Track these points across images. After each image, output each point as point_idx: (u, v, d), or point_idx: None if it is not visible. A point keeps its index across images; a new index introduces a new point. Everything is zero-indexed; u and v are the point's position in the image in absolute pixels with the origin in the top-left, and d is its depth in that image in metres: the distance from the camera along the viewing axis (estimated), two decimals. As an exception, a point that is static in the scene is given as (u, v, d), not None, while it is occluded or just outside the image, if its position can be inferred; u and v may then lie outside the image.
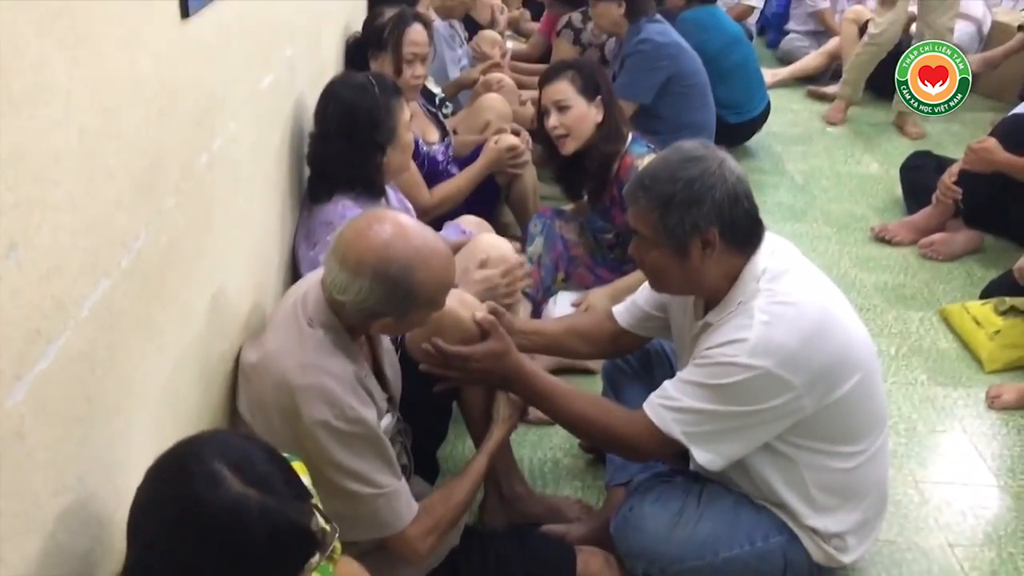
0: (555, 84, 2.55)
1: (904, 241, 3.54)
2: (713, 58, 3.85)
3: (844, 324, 1.64)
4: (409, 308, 1.49)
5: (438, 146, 2.92)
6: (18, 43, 0.90)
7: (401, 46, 2.59)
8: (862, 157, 4.41)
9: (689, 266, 1.60)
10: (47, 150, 0.97)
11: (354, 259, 1.45)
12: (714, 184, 1.56)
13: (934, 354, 2.88)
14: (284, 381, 1.46)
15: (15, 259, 0.91)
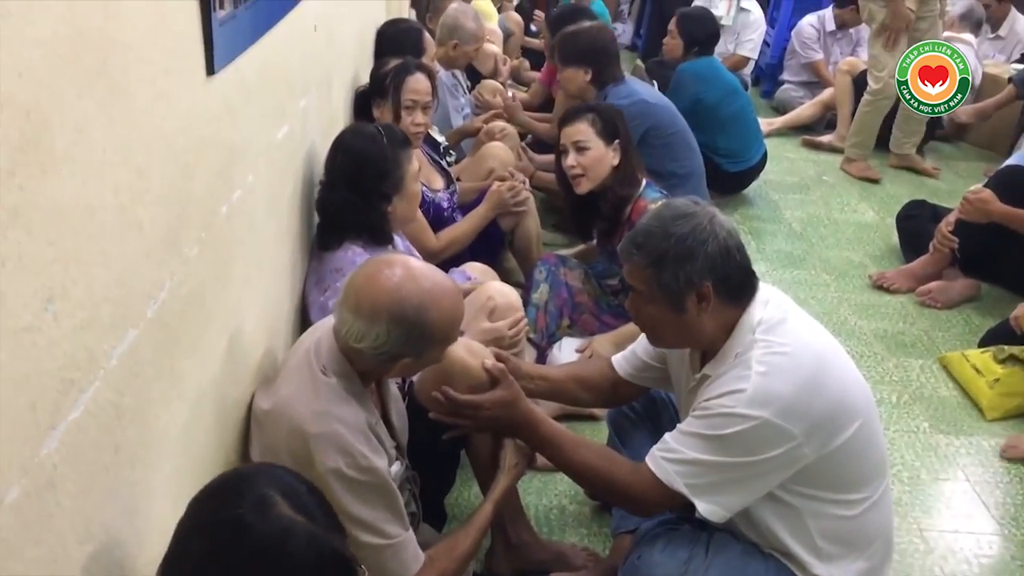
0: (575, 125, 2.63)
1: (902, 289, 3.58)
2: (711, 108, 3.93)
3: (841, 372, 1.66)
4: (425, 347, 1.53)
5: (443, 193, 2.97)
6: (62, 104, 0.94)
7: (401, 93, 2.65)
8: (858, 205, 4.48)
9: (685, 320, 1.63)
10: (84, 206, 1.00)
11: (368, 306, 1.48)
12: (706, 239, 1.60)
13: (935, 402, 2.91)
14: (298, 429, 1.48)
15: (52, 312, 0.94)
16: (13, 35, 0.85)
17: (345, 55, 2.72)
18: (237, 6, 1.48)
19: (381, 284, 1.49)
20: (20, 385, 0.89)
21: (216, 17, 1.37)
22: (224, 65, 1.45)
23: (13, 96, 0.85)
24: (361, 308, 1.48)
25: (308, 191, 2.26)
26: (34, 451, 0.92)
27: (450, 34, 3.71)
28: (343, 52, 2.68)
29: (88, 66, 1.00)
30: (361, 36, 3.06)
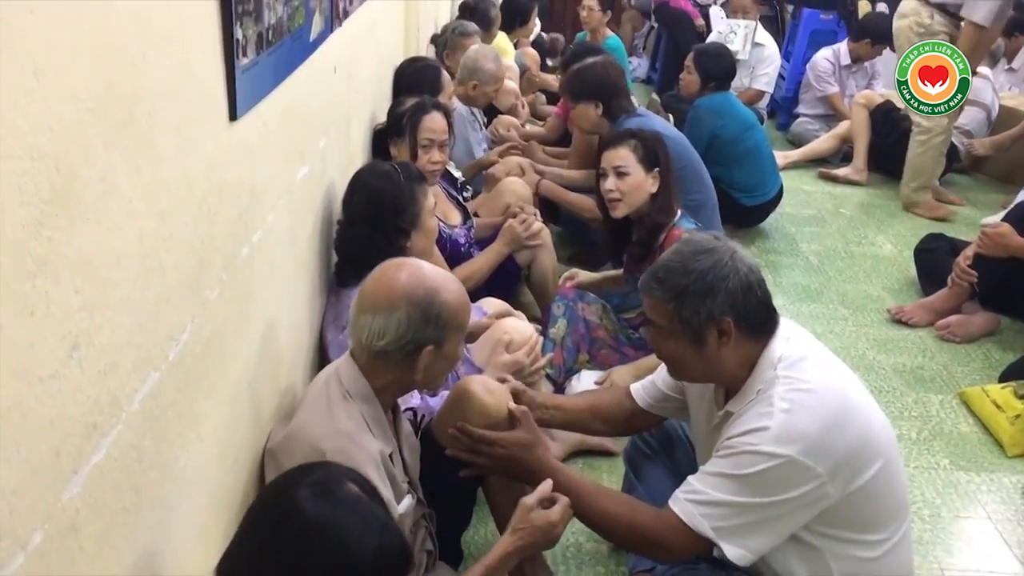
0: (617, 149, 2.65)
1: (921, 323, 3.56)
2: (728, 143, 3.95)
3: (864, 410, 1.65)
4: (443, 331, 1.59)
5: (460, 229, 2.99)
6: (90, 156, 0.97)
7: (417, 132, 2.69)
8: (875, 238, 4.47)
9: (706, 355, 1.64)
10: (110, 253, 1.03)
11: (385, 299, 1.57)
12: (727, 275, 1.60)
13: (956, 438, 2.88)
14: (314, 447, 1.51)
15: (78, 358, 0.96)
16: (47, 91, 0.88)
17: (363, 94, 2.77)
18: (259, 53, 1.52)
19: (393, 277, 1.60)
20: (45, 432, 0.91)
21: (239, 65, 1.40)
22: (246, 111, 1.48)
23: (43, 150, 0.88)
24: (378, 304, 1.57)
25: (327, 229, 2.29)
26: (57, 496, 0.94)
27: (470, 75, 3.77)
28: (362, 91, 2.73)
29: (116, 118, 1.03)
30: (379, 75, 3.11)
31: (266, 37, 1.55)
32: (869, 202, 4.94)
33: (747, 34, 5.53)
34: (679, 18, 6.41)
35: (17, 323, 0.85)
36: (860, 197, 5.00)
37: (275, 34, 1.61)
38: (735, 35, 5.53)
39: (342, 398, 1.57)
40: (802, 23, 6.18)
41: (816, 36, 6.11)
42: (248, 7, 1.44)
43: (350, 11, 2.40)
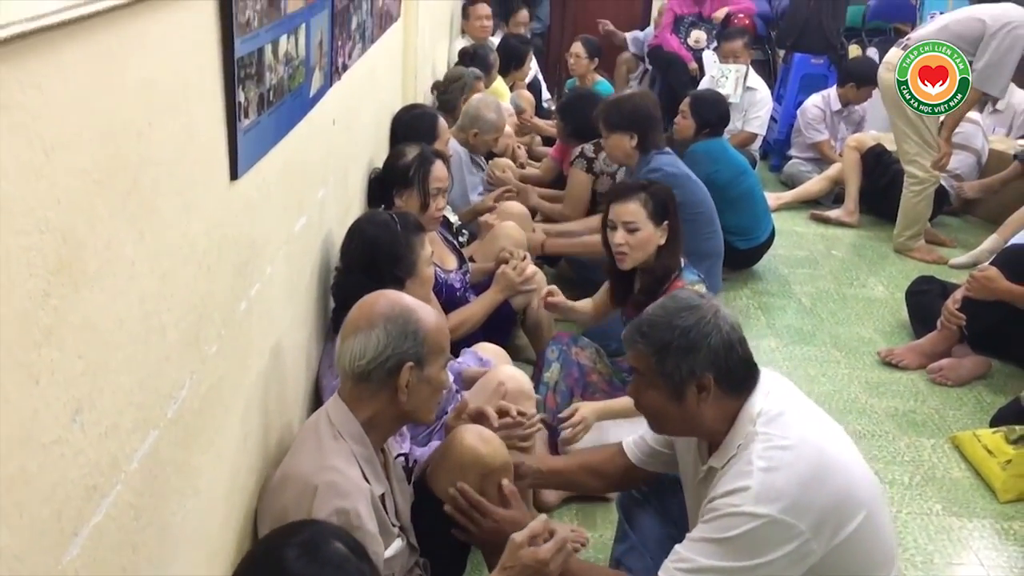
0: (627, 204, 2.62)
1: (911, 366, 3.58)
2: (722, 188, 4.00)
3: (844, 463, 1.66)
4: (422, 349, 1.64)
5: (455, 274, 3.01)
6: (95, 225, 1.00)
7: (428, 183, 2.73)
8: (867, 280, 4.51)
9: (685, 409, 1.66)
10: (113, 317, 1.05)
11: (365, 320, 1.65)
12: (709, 332, 1.64)
13: (948, 483, 2.89)
14: (306, 483, 1.54)
15: (80, 422, 0.98)
16: (55, 167, 0.91)
17: (362, 142, 2.82)
18: (260, 113, 1.56)
19: (372, 302, 1.70)
20: (47, 496, 0.93)
21: (240, 127, 1.44)
22: (247, 169, 1.52)
23: (51, 223, 0.91)
24: (359, 325, 1.65)
25: (324, 277, 2.32)
26: (57, 559, 0.95)
27: (471, 123, 3.84)
28: (360, 140, 2.77)
29: (121, 187, 1.06)
30: (377, 122, 3.16)
31: (267, 98, 1.59)
32: (861, 244, 4.99)
33: (738, 78, 5.62)
34: (673, 62, 6.50)
35: (22, 391, 0.87)
36: (852, 239, 5.05)
37: (276, 94, 1.65)
38: (727, 79, 5.62)
39: (333, 439, 1.62)
40: (793, 67, 6.28)
41: (807, 80, 6.20)
42: (250, 71, 1.48)
43: (349, 64, 2.45)
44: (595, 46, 5.80)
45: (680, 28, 6.54)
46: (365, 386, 1.64)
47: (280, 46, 1.67)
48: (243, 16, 1.42)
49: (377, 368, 1.63)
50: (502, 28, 6.32)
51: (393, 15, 3.29)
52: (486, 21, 5.87)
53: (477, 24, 5.83)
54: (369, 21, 2.74)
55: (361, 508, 1.53)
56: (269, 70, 1.60)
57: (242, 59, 1.43)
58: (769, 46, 6.99)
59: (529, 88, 5.96)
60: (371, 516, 1.56)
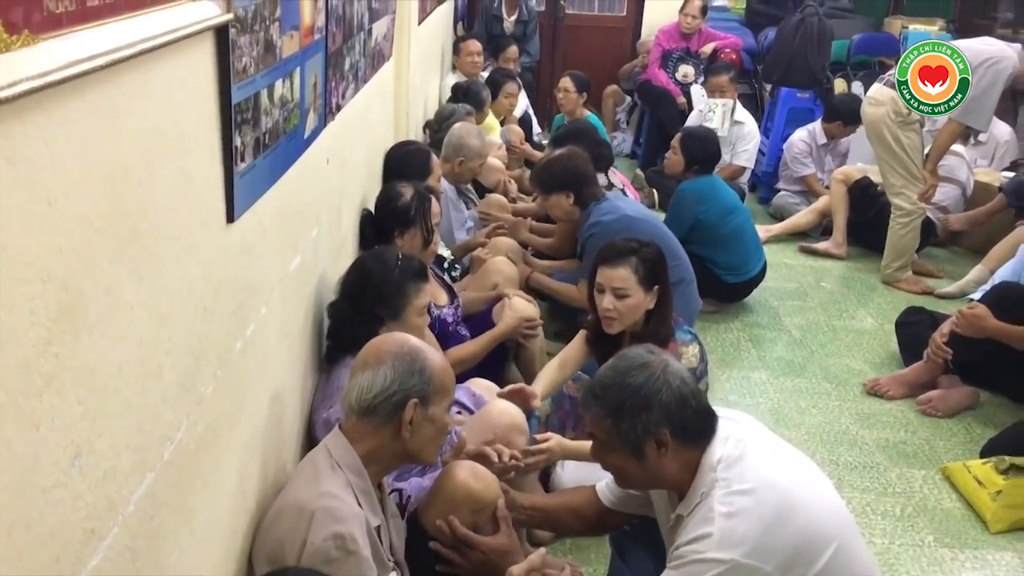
0: (616, 270, 2.53)
1: (896, 395, 3.61)
2: (711, 227, 4.06)
3: (807, 501, 1.66)
4: (428, 388, 1.68)
5: (447, 309, 3.04)
6: (96, 273, 1.02)
7: (430, 221, 2.78)
8: (856, 312, 4.55)
9: (647, 465, 1.69)
10: (112, 362, 1.07)
11: (374, 356, 1.71)
12: (660, 388, 1.67)
13: (939, 514, 2.90)
14: (301, 510, 1.57)
15: (79, 466, 1.00)
16: (58, 217, 0.93)
17: (355, 180, 2.85)
18: (256, 156, 1.59)
19: (381, 340, 1.78)
20: (46, 541, 0.94)
21: (237, 170, 1.47)
22: (243, 212, 1.54)
23: (52, 271, 0.93)
24: (368, 361, 1.71)
25: (318, 316, 2.34)
26: (56, 604, 0.96)
27: (455, 152, 3.87)
28: (353, 178, 2.80)
29: (121, 234, 1.08)
30: (370, 159, 3.20)
31: (263, 141, 1.62)
32: (850, 276, 5.03)
33: (725, 112, 5.69)
34: (661, 96, 6.58)
35: (24, 438, 0.89)
36: (841, 271, 5.10)
37: (271, 137, 1.68)
38: (714, 113, 5.70)
39: (330, 468, 1.65)
40: (780, 101, 6.35)
41: (794, 113, 6.27)
42: (247, 116, 1.51)
43: (343, 104, 2.49)
44: (583, 81, 5.87)
45: (668, 63, 6.63)
46: (369, 420, 1.68)
47: (275, 90, 1.70)
48: (240, 63, 1.45)
49: (383, 402, 1.66)
50: (492, 64, 6.40)
51: (385, 55, 3.34)
52: (477, 57, 5.95)
53: (468, 60, 5.92)
54: (362, 61, 2.79)
55: (357, 533, 1.56)
56: (265, 114, 1.63)
57: (239, 104, 1.46)
58: (756, 80, 7.09)
59: (520, 123, 6.02)
60: (366, 543, 1.59)
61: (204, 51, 1.33)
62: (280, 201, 1.83)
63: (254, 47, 1.52)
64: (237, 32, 1.42)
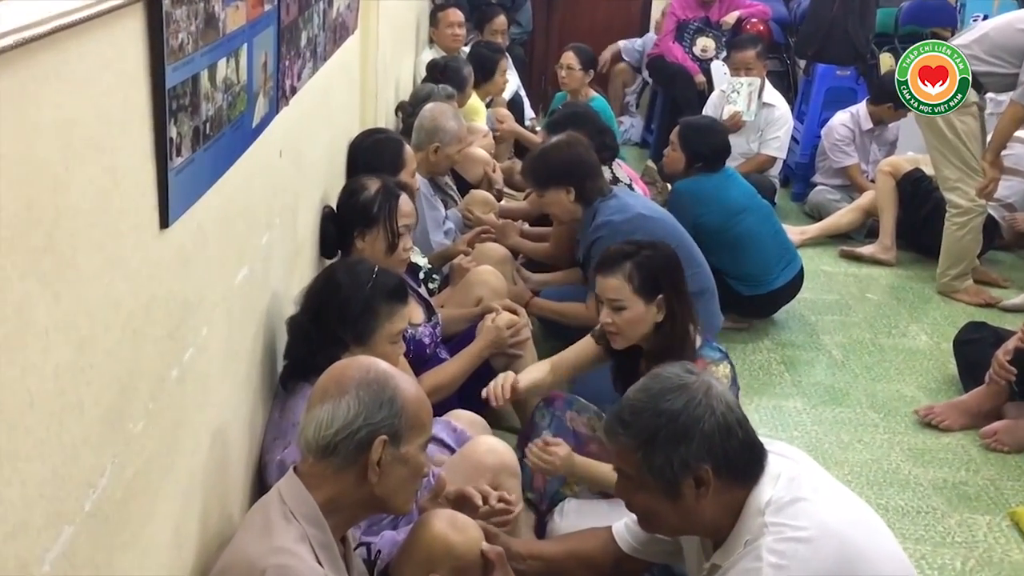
0: (607, 279, 2.57)
1: (953, 426, 3.62)
2: (713, 232, 4.02)
3: (869, 553, 1.68)
4: (398, 421, 1.67)
5: (424, 327, 3.04)
6: (4, 289, 1.02)
7: (395, 220, 2.78)
8: (908, 328, 4.57)
9: (682, 506, 1.69)
10: (23, 397, 1.07)
11: (335, 385, 1.69)
12: (701, 415, 1.66)
13: (1007, 568, 2.91)
14: (251, 567, 1.56)
15: (-17, 521, 1.00)
16: (-43, 225, 0.93)
17: (313, 176, 2.85)
18: (196, 149, 1.59)
19: (343, 365, 1.76)
20: (-56, 610, 0.93)
21: (172, 167, 1.47)
22: (179, 215, 1.55)
23: (-47, 289, 0.93)
24: (327, 391, 1.69)
25: (269, 337, 2.34)
26: None
27: (429, 137, 3.87)
28: (311, 174, 2.81)
29: (34, 243, 1.08)
30: (332, 151, 3.21)
31: (203, 131, 1.63)
32: (899, 285, 5.06)
33: (752, 92, 5.69)
34: (676, 74, 6.62)
35: (-83, 488, 0.89)
36: (889, 279, 5.12)
37: (213, 126, 1.68)
38: (738, 94, 5.70)
39: (284, 519, 1.63)
40: (816, 80, 6.39)
41: (832, 94, 6.30)
42: (183, 101, 1.52)
43: (298, 87, 2.49)
44: (590, 56, 5.88)
45: (684, 35, 6.67)
46: (329, 461, 1.67)
47: (218, 71, 1.71)
48: (175, 40, 1.46)
49: (345, 440, 1.65)
50: (476, 37, 6.42)
51: (349, 27, 3.36)
52: (458, 29, 5.96)
53: (448, 32, 5.92)
54: (321, 36, 2.80)
55: None
56: (206, 99, 1.64)
57: (174, 89, 1.47)
58: (788, 56, 7.12)
59: (510, 106, 6.05)
60: None
61: (133, 27, 1.33)
62: (224, 202, 1.84)
63: (192, 21, 1.53)
64: (172, 3, 1.43)
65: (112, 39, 1.27)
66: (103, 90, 1.25)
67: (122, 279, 1.35)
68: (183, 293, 1.63)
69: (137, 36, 1.36)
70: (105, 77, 1.26)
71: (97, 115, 1.24)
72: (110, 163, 1.28)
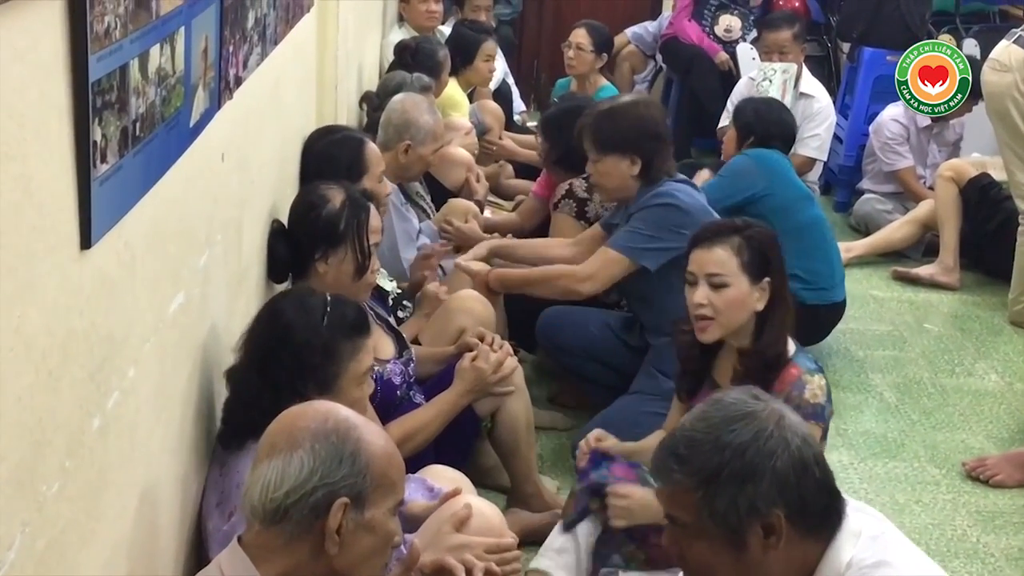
0: (714, 251, 2.65)
1: (1007, 482, 3.64)
2: (780, 211, 4.09)
3: None
4: (362, 480, 1.67)
5: (394, 364, 3.04)
6: None
7: (365, 239, 2.80)
8: (974, 365, 4.60)
9: (746, 561, 1.68)
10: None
11: (286, 438, 1.69)
12: (773, 450, 1.67)
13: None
14: None
15: None
16: None
17: (261, 184, 2.87)
18: (123, 154, 1.61)
19: (296, 413, 1.75)
20: None
21: (95, 175, 1.49)
22: (104, 232, 1.56)
23: None
24: (276, 446, 1.69)
25: (207, 378, 2.35)
26: None
27: (399, 134, 3.87)
28: (259, 180, 2.82)
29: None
30: (283, 155, 3.22)
31: (132, 132, 1.64)
32: (964, 313, 5.10)
33: (787, 80, 5.71)
34: (694, 58, 6.65)
35: None
36: (951, 307, 5.16)
37: (144, 127, 1.70)
38: (770, 83, 5.71)
39: None
40: (863, 67, 6.42)
41: (882, 84, 6.30)
42: (110, 98, 1.53)
43: (244, 76, 2.51)
44: (605, 36, 5.88)
45: (704, 13, 6.72)
46: (279, 529, 1.66)
47: (150, 60, 1.72)
48: (100, 24, 1.47)
49: (298, 503, 1.64)
50: (455, 15, 6.46)
51: (304, 4, 3.38)
52: (434, 4, 5.98)
53: (422, 9, 5.95)
54: (271, 15, 2.82)
55: None
56: (135, 94, 1.65)
57: (99, 83, 1.48)
58: (829, 38, 7.19)
59: (496, 96, 6.07)
60: None
61: (50, 11, 1.35)
62: (156, 216, 1.85)
63: (121, 1, 1.55)
64: (98, -20, 1.45)
65: (24, 26, 1.28)
66: (14, 86, 1.26)
67: (36, 311, 1.35)
68: (107, 326, 1.64)
69: (55, 21, 1.37)
70: (16, 71, 1.27)
71: (7, 116, 1.25)
72: (21, 172, 1.29)
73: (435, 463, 2.85)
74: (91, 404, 1.59)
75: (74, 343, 1.50)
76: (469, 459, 3.24)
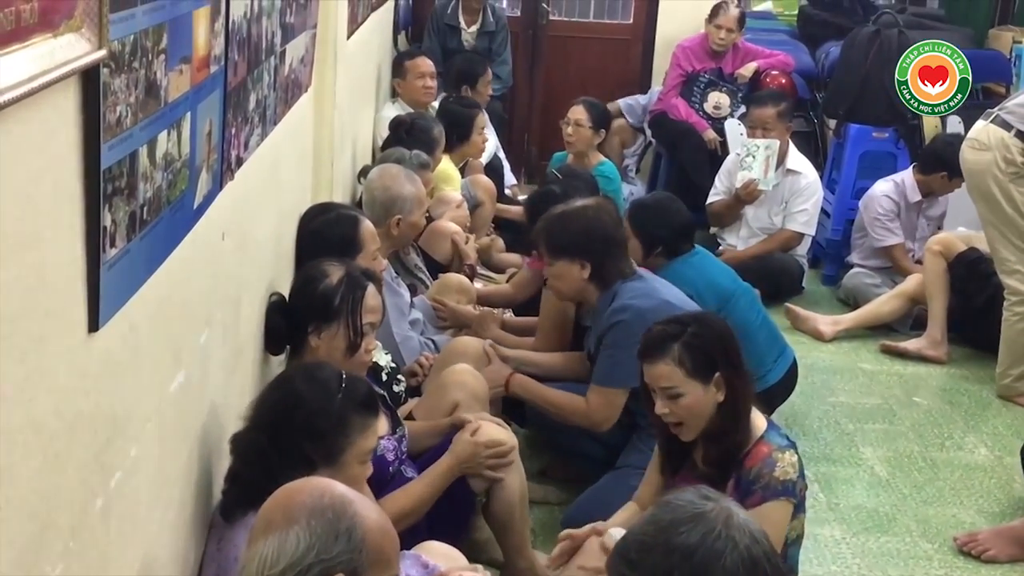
0: (656, 366, 2.71)
1: (999, 557, 3.62)
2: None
3: None
4: (358, 556, 1.66)
5: (387, 440, 3.04)
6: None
7: (360, 316, 2.83)
8: (964, 439, 4.61)
9: None
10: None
11: (282, 514, 1.69)
12: (721, 550, 1.69)
13: None
14: None
15: None
16: None
17: (259, 262, 2.90)
18: (131, 239, 1.64)
19: (292, 489, 1.76)
20: None
21: (105, 260, 1.52)
22: (111, 315, 1.59)
23: None
24: (272, 523, 1.69)
25: (206, 455, 2.37)
26: None
27: (387, 210, 3.88)
28: (256, 258, 2.86)
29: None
30: (279, 232, 3.25)
31: (140, 216, 1.68)
32: (953, 387, 5.12)
33: (770, 157, 5.73)
34: (682, 133, 6.73)
35: None
36: (940, 380, 5.18)
37: (151, 210, 1.74)
38: (753, 159, 5.76)
39: None
40: (848, 143, 6.48)
41: (868, 160, 6.38)
42: (120, 183, 1.57)
43: (245, 157, 2.56)
44: (603, 113, 5.88)
45: (694, 90, 6.81)
46: None
47: (158, 146, 1.77)
48: (113, 113, 1.51)
49: None
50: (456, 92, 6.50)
51: (303, 84, 3.44)
52: (429, 80, 6.03)
53: (417, 85, 5.98)
54: (271, 96, 2.88)
55: None
56: (144, 179, 1.69)
57: (110, 170, 1.52)
58: (815, 114, 7.27)
59: (487, 171, 6.11)
60: None
61: (66, 103, 1.39)
62: (160, 297, 1.88)
63: (132, 90, 1.59)
64: (111, 73, 1.49)
65: (43, 117, 1.32)
66: (31, 177, 1.30)
67: (46, 394, 1.38)
68: (111, 407, 1.66)
69: (70, 112, 1.41)
70: (34, 163, 1.30)
71: (25, 205, 1.28)
72: (37, 260, 1.33)
73: (429, 539, 2.85)
74: (95, 484, 1.60)
75: (80, 424, 1.52)
76: (464, 535, 3.23)
